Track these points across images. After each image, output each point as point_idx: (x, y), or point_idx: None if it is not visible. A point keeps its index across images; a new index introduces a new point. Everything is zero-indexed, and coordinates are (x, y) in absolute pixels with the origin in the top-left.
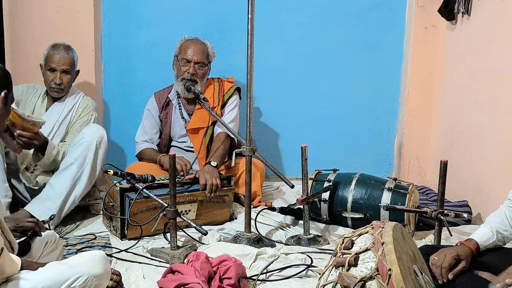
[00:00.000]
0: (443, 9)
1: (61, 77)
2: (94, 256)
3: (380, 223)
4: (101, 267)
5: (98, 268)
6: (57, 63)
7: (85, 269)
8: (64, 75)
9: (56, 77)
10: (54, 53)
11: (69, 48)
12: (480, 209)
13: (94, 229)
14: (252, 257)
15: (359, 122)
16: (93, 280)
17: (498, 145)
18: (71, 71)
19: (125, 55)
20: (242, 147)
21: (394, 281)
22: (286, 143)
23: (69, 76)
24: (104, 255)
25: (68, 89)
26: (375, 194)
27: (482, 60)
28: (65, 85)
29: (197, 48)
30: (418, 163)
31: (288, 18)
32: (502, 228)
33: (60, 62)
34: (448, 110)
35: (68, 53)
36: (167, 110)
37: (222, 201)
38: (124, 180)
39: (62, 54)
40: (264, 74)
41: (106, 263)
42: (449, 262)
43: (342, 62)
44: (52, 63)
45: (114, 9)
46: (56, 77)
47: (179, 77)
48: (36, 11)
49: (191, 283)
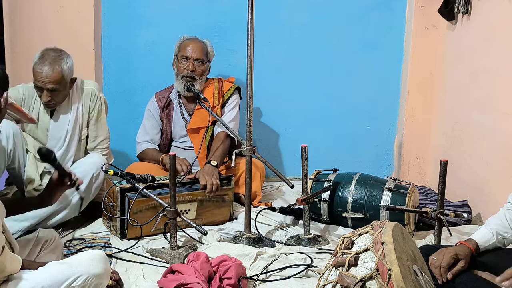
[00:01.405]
0: (443, 9)
1: (50, 95)
2: (94, 256)
3: (380, 223)
4: (101, 267)
5: (98, 268)
6: (43, 82)
7: (85, 268)
8: (53, 93)
9: (44, 95)
10: (39, 70)
11: (57, 59)
12: (480, 209)
13: (94, 229)
14: (252, 257)
15: (359, 122)
16: (93, 280)
17: (498, 145)
18: (60, 88)
19: (125, 55)
20: (242, 147)
21: (394, 281)
22: (286, 143)
23: (58, 92)
24: (103, 255)
25: (62, 100)
26: (375, 194)
27: (482, 60)
28: (57, 100)
29: (196, 45)
30: (418, 163)
31: (288, 18)
32: (502, 230)
33: (46, 81)
34: (448, 110)
35: (54, 68)
36: (168, 110)
37: (222, 201)
38: (124, 180)
39: (47, 72)
40: (264, 74)
41: (106, 263)
42: (447, 262)
43: (342, 62)
44: (38, 81)
45: (114, 9)
46: (44, 95)
47: (179, 75)
48: (36, 11)
49: (191, 283)
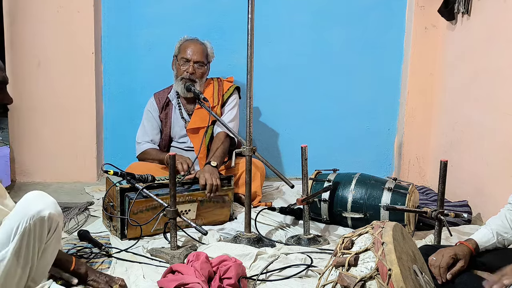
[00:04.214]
0: (443, 9)
1: None
2: (28, 198)
3: (380, 223)
4: (37, 204)
5: (34, 207)
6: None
7: (22, 212)
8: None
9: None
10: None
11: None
12: (480, 209)
13: (94, 229)
14: (252, 257)
15: (359, 122)
16: (35, 217)
17: (498, 145)
18: None
19: (125, 56)
20: (242, 147)
21: (394, 281)
22: (286, 143)
23: None
24: (40, 192)
25: None
26: (375, 194)
27: (482, 60)
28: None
29: (197, 47)
30: (418, 163)
31: (288, 18)
32: (503, 230)
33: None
34: (448, 110)
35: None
36: (167, 111)
37: (222, 201)
38: (124, 180)
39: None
40: (264, 74)
41: (43, 198)
42: (446, 262)
43: (342, 62)
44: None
45: (114, 9)
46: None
47: (179, 77)
48: (36, 11)
49: (191, 283)
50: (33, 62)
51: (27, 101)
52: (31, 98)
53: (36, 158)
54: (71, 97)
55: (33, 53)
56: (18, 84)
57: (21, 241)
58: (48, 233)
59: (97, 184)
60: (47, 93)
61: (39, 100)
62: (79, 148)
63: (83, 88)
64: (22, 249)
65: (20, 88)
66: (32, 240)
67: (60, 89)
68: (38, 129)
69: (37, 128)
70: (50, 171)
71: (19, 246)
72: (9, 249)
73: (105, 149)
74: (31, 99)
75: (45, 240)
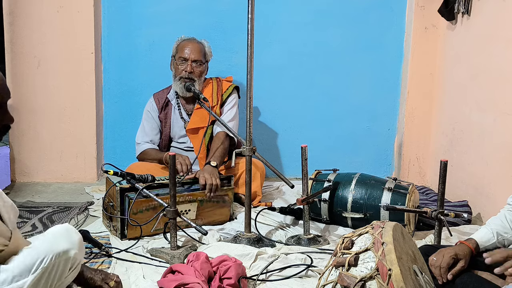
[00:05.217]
0: (443, 9)
1: None
2: (55, 232)
3: (380, 223)
4: (65, 242)
5: (61, 244)
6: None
7: (48, 247)
8: None
9: None
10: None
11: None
12: (480, 209)
13: (94, 229)
14: (252, 257)
15: (359, 122)
16: (61, 256)
17: (498, 145)
18: None
19: (125, 55)
20: (242, 147)
21: (394, 281)
22: (286, 143)
23: None
24: (66, 227)
25: None
26: (375, 194)
27: (482, 60)
28: None
29: (194, 46)
30: (418, 163)
31: (288, 18)
32: (503, 231)
33: None
34: (448, 110)
35: None
36: (166, 111)
37: (222, 201)
38: (124, 180)
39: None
40: (264, 74)
41: (71, 235)
42: (447, 262)
43: (342, 62)
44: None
45: (114, 9)
46: None
47: (177, 77)
48: (36, 11)
49: (191, 283)
50: (33, 62)
51: (27, 101)
52: (31, 98)
53: (36, 158)
54: (71, 97)
55: (33, 53)
56: (18, 84)
57: (41, 275)
58: (68, 271)
59: (97, 184)
60: (47, 93)
61: (39, 100)
62: (79, 148)
63: (83, 88)
64: (40, 283)
65: (20, 88)
66: (53, 276)
67: (60, 89)
68: (38, 129)
69: (37, 128)
70: (50, 171)
71: (38, 280)
72: (27, 280)
73: (105, 149)
74: (31, 99)
75: (64, 277)
